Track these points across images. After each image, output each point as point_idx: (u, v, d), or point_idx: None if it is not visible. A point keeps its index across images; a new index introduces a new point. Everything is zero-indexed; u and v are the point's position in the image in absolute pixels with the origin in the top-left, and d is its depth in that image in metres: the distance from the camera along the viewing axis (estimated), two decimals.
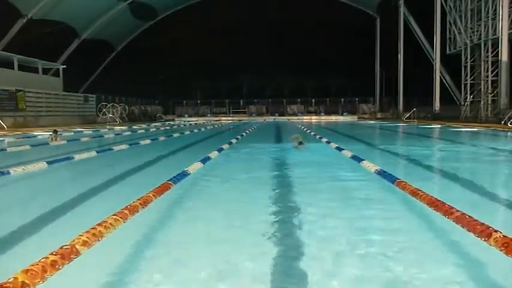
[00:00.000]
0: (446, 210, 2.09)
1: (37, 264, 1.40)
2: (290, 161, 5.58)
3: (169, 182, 3.16)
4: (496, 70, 19.12)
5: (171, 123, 25.18)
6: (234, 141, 7.64)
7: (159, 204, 2.81)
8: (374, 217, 2.74)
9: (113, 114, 24.80)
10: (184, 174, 3.77)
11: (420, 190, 2.63)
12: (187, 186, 3.73)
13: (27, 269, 1.36)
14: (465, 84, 21.41)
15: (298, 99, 35.23)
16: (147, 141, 8.99)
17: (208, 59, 33.17)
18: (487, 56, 19.47)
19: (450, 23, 22.95)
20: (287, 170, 4.84)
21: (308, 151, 6.83)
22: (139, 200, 2.41)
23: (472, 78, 21.11)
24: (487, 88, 19.53)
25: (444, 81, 24.87)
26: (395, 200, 3.20)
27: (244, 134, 10.28)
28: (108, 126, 19.00)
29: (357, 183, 3.88)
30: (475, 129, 13.23)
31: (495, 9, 18.72)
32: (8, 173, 4.10)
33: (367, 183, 3.88)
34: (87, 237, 1.71)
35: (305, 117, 32.24)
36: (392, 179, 3.30)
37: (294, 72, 34.58)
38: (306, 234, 2.35)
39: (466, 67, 21.30)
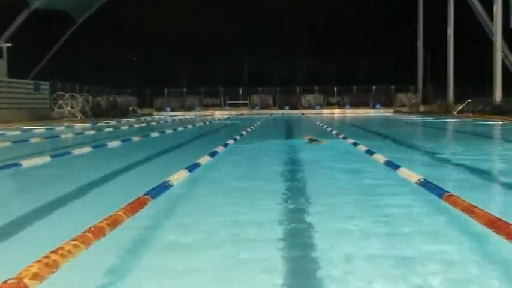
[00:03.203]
0: (510, 232, 2.09)
1: None
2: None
3: (146, 197, 3.17)
4: None
5: (148, 118, 25.27)
6: (219, 149, 7.31)
7: (132, 224, 2.82)
8: (419, 245, 2.73)
9: (72, 107, 24.91)
10: (165, 186, 3.79)
11: (476, 207, 2.64)
12: (169, 201, 3.76)
13: None
14: None
15: (316, 87, 35.24)
16: (117, 143, 9.02)
17: (198, 35, 33.29)
18: None
19: None
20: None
21: (329, 151, 6.83)
22: (106, 220, 2.42)
23: None
24: None
25: (508, 64, 24.79)
26: (445, 220, 3.20)
27: (238, 137, 10.23)
28: (65, 123, 19.07)
29: (393, 197, 3.91)
30: None
31: None
32: None
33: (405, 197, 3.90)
34: (39, 269, 1.72)
35: (325, 111, 32.25)
36: (439, 192, 3.32)
37: (310, 51, 34.57)
38: (331, 263, 2.35)
39: None
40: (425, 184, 3.76)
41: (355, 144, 7.88)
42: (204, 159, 5.80)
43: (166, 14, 33.15)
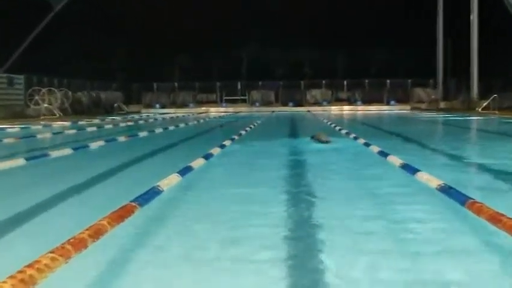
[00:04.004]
0: None
1: None
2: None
3: (133, 204, 3.16)
4: None
5: (136, 116, 25.27)
6: (214, 151, 7.31)
7: (118, 234, 2.81)
8: (443, 260, 2.73)
9: (50, 103, 24.90)
10: (154, 192, 3.78)
11: (504, 215, 2.64)
12: (158, 209, 3.75)
13: None
14: None
15: (324, 81, 35.27)
16: (100, 143, 9.04)
17: (191, 23, 33.30)
18: None
19: None
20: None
21: (338, 153, 6.82)
22: (87, 230, 2.42)
23: None
24: None
25: None
26: (472, 229, 3.20)
27: (236, 137, 10.23)
28: (42, 122, 19.07)
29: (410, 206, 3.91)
30: None
31: None
32: None
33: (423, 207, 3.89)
34: (13, 285, 1.72)
35: (333, 108, 32.27)
36: (462, 198, 3.32)
37: (317, 41, 34.62)
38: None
39: None
40: (446, 190, 3.76)
41: (367, 144, 7.88)
42: (198, 162, 5.80)
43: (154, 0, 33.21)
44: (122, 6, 32.53)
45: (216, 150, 7.21)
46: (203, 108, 32.95)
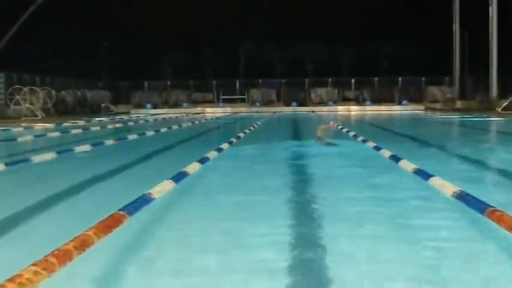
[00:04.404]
0: None
1: None
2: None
3: (121, 213, 3.16)
4: None
5: (125, 117, 25.26)
6: (211, 155, 7.41)
7: (106, 244, 2.81)
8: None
9: (32, 103, 24.89)
10: (145, 200, 3.78)
11: None
12: (148, 219, 3.74)
13: None
14: None
15: (329, 79, 35.31)
16: (86, 147, 9.03)
17: (186, 17, 33.31)
18: None
19: None
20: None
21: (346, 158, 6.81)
22: (72, 241, 2.42)
23: None
24: None
25: None
26: (493, 240, 3.19)
27: (234, 140, 10.23)
28: (24, 123, 19.07)
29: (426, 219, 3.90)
30: None
31: None
32: None
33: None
34: None
35: (340, 108, 32.28)
36: (481, 206, 3.31)
37: (322, 36, 34.67)
38: None
39: None
40: (463, 197, 3.75)
41: (377, 148, 7.87)
42: (193, 167, 5.80)
43: None
44: None
45: (212, 154, 7.22)
46: (199, 109, 32.96)
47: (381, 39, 33.99)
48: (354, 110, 32.10)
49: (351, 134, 11.31)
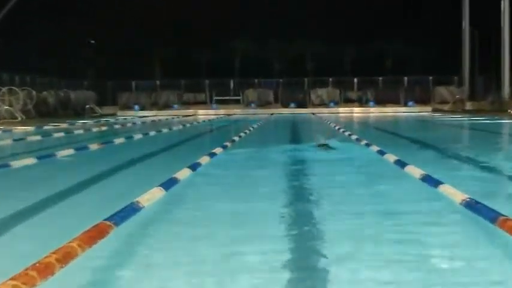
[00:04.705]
0: None
1: None
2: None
3: (107, 223, 3.14)
4: None
5: (111, 120, 25.21)
6: (203, 160, 7.39)
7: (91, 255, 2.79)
8: None
9: (11, 104, 24.83)
10: (133, 209, 3.76)
11: None
12: (135, 230, 3.72)
13: None
14: None
15: (330, 79, 35.36)
16: (69, 152, 9.00)
17: (176, 12, 33.34)
18: None
19: None
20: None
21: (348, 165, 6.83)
22: (55, 253, 2.40)
23: None
24: None
25: None
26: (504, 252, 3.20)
27: (229, 144, 10.23)
28: (2, 126, 19.00)
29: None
30: None
31: None
32: None
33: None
34: None
35: (341, 110, 32.35)
36: (492, 215, 3.30)
37: (322, 33, 34.74)
38: None
39: None
40: (472, 205, 3.75)
41: (381, 152, 7.88)
42: (184, 173, 5.80)
43: None
44: None
45: (204, 159, 7.21)
46: (190, 111, 32.95)
47: (386, 37, 34.04)
48: (357, 111, 32.17)
49: (354, 137, 11.36)
